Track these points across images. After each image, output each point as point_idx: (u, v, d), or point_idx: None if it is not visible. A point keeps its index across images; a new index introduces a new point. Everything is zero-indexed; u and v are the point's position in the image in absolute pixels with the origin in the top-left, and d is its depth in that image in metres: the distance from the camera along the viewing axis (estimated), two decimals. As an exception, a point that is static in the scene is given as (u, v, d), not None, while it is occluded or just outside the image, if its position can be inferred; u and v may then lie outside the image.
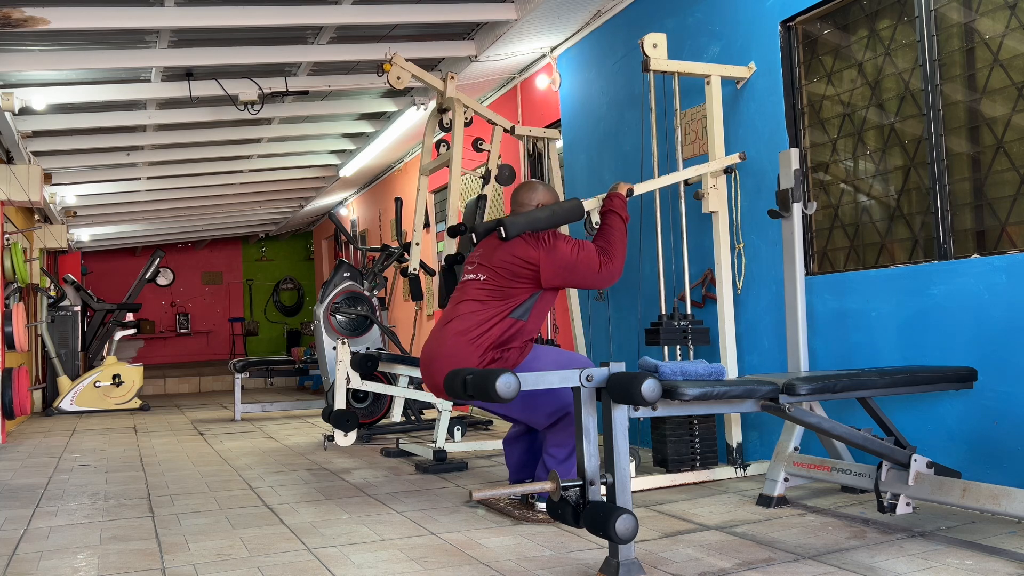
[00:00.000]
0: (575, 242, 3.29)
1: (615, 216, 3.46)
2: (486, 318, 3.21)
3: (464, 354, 3.17)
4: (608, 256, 3.32)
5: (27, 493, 4.24)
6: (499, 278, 3.27)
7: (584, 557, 2.70)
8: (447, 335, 3.25)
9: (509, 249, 3.28)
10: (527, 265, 3.24)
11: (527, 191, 3.52)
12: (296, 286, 16.04)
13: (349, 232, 9.32)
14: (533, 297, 3.27)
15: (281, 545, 2.97)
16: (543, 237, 3.29)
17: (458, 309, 3.30)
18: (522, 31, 5.70)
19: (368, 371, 5.24)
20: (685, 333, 3.96)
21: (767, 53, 4.15)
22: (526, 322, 3.26)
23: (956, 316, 3.27)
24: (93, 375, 9.45)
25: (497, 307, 3.23)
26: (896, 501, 2.85)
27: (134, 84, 6.32)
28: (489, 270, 3.31)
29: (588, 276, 3.29)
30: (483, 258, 3.37)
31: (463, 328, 3.22)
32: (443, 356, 3.22)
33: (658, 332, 3.91)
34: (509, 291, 3.25)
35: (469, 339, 3.18)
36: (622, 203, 3.51)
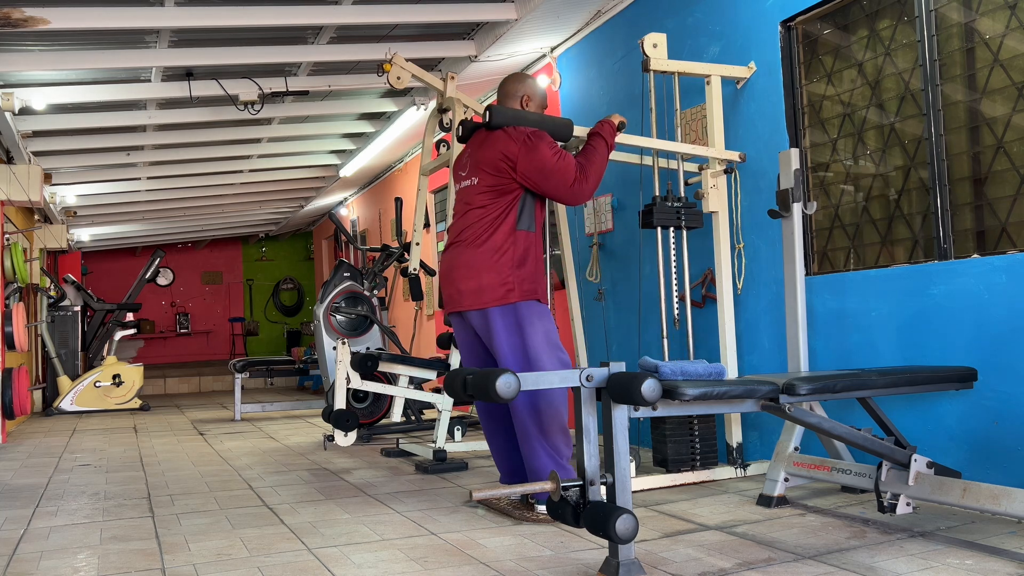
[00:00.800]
0: (557, 148, 3.27)
1: (600, 139, 3.44)
2: (495, 226, 3.25)
3: (483, 264, 3.24)
4: (584, 173, 3.29)
5: (27, 493, 4.24)
6: (488, 177, 3.28)
7: (584, 557, 2.70)
8: (462, 244, 3.31)
9: (492, 143, 3.29)
10: (507, 160, 3.24)
11: (514, 80, 3.52)
12: (296, 286, 16.04)
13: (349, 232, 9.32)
14: (526, 201, 3.29)
15: (281, 545, 2.97)
16: (527, 133, 3.27)
17: (466, 219, 3.34)
18: (522, 31, 5.70)
19: (368, 371, 5.24)
20: (679, 214, 3.93)
21: (767, 53, 4.15)
22: (536, 234, 3.32)
23: (956, 316, 3.27)
24: (93, 375, 9.45)
25: (500, 210, 3.26)
26: (896, 501, 2.85)
27: (134, 84, 6.32)
28: (479, 171, 3.32)
29: (560, 187, 3.25)
30: (471, 158, 3.39)
31: (475, 235, 3.28)
32: (461, 265, 3.29)
33: (652, 213, 3.89)
34: (502, 189, 3.27)
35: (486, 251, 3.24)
36: (611, 130, 3.49)
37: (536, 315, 3.29)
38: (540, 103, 3.55)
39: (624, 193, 5.39)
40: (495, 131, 3.33)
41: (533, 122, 3.33)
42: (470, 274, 3.28)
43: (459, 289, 3.33)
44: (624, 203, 5.40)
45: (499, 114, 3.28)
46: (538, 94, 3.55)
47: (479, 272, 3.26)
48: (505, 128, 3.31)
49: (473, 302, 3.30)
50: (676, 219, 3.94)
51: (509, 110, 3.33)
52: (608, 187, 5.51)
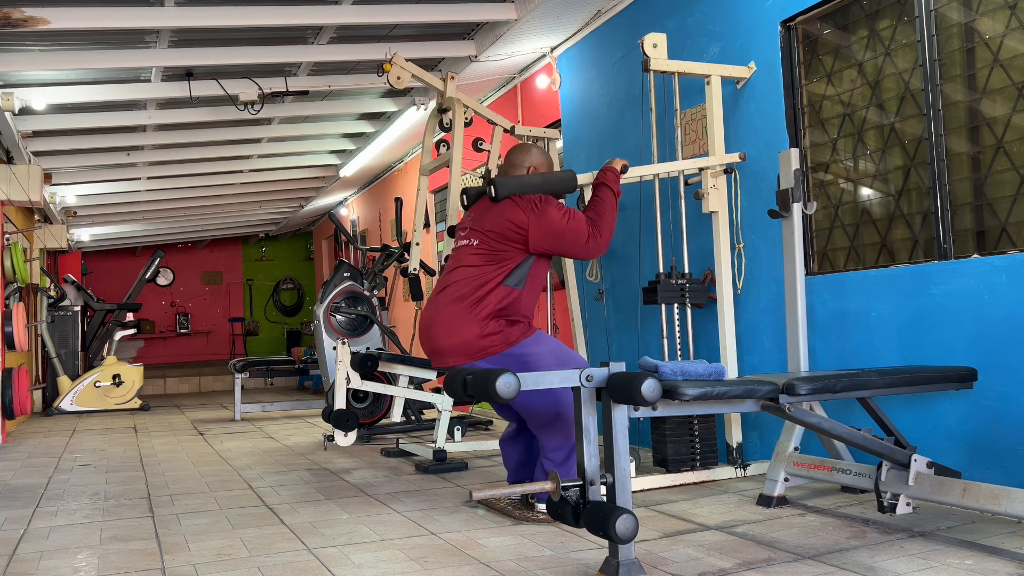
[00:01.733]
0: (566, 209, 3.26)
1: (607, 189, 3.44)
2: (480, 283, 3.20)
3: (462, 320, 3.17)
4: (597, 228, 3.29)
5: (27, 493, 4.24)
6: (490, 242, 3.25)
7: (584, 557, 2.70)
8: (443, 301, 3.25)
9: (499, 211, 3.27)
10: (516, 228, 3.22)
11: (520, 151, 3.50)
12: (296, 286, 16.04)
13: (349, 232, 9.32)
14: (526, 263, 3.26)
15: (281, 545, 2.97)
16: (534, 200, 3.26)
17: (453, 276, 3.29)
18: (522, 31, 5.70)
19: (368, 371, 5.24)
20: (683, 291, 3.93)
21: (767, 53, 4.15)
22: (521, 291, 3.25)
23: (956, 316, 3.27)
24: (93, 375, 9.45)
25: (491, 272, 3.22)
26: (896, 501, 2.85)
27: (134, 84, 6.32)
28: (480, 234, 3.30)
29: (575, 246, 3.26)
30: (474, 222, 3.36)
31: (459, 294, 3.21)
32: (440, 322, 3.22)
33: (655, 291, 3.89)
34: (501, 255, 3.23)
35: (466, 306, 3.17)
36: (615, 177, 3.48)
37: (533, 345, 3.24)
38: (547, 167, 3.53)
39: (624, 193, 5.38)
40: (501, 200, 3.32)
41: (536, 185, 3.32)
42: (449, 331, 3.20)
43: (440, 347, 3.26)
44: (624, 203, 5.39)
45: (503, 187, 3.27)
46: (544, 162, 3.52)
47: (457, 327, 3.19)
48: (511, 197, 3.30)
49: (457, 359, 3.23)
50: (680, 296, 3.94)
51: (512, 180, 3.30)
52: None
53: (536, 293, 3.35)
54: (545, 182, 3.35)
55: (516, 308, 3.24)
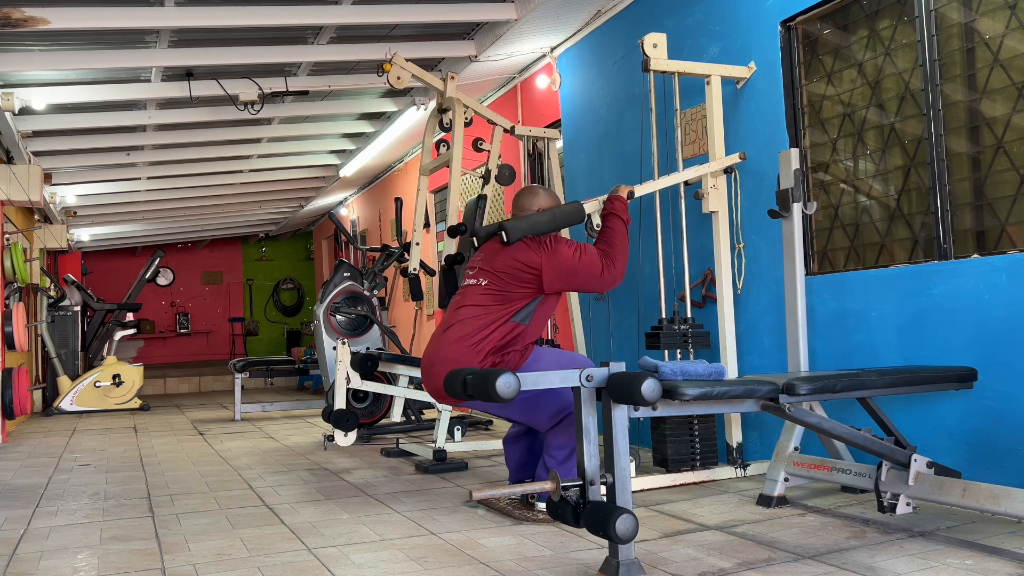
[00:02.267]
0: (577, 246, 3.29)
1: (616, 219, 3.46)
2: (487, 323, 3.20)
3: (464, 359, 3.16)
4: (610, 259, 3.31)
5: (27, 493, 4.24)
6: (501, 282, 3.26)
7: (584, 557, 2.70)
8: (447, 340, 3.24)
9: (511, 253, 3.28)
10: (529, 270, 3.23)
11: (528, 196, 3.51)
12: (296, 286, 16.04)
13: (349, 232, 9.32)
14: (534, 302, 3.27)
15: (281, 545, 2.97)
16: (544, 241, 3.28)
17: (459, 314, 3.28)
18: (522, 31, 5.70)
19: (368, 371, 5.24)
20: (685, 337, 3.95)
21: (767, 53, 4.15)
22: (527, 326, 3.26)
23: (956, 316, 3.27)
24: (93, 375, 9.45)
25: (498, 312, 3.22)
26: (896, 501, 2.85)
27: (134, 84, 6.32)
28: (491, 275, 3.30)
29: (590, 280, 3.29)
30: (484, 263, 3.36)
31: (464, 333, 3.21)
32: (443, 361, 3.21)
33: (658, 336, 3.91)
34: (510, 295, 3.24)
35: (470, 344, 3.17)
36: (623, 206, 3.50)
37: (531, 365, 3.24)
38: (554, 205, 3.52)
39: (624, 193, 5.38)
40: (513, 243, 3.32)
41: (546, 224, 3.33)
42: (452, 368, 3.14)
43: (440, 386, 3.25)
44: (624, 203, 5.39)
45: (514, 230, 3.27)
46: (551, 204, 3.51)
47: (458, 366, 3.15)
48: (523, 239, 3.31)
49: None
50: (683, 343, 3.94)
51: (522, 222, 3.30)
52: (608, 187, 5.50)
53: (543, 325, 3.36)
54: (554, 219, 3.36)
55: (519, 341, 3.25)
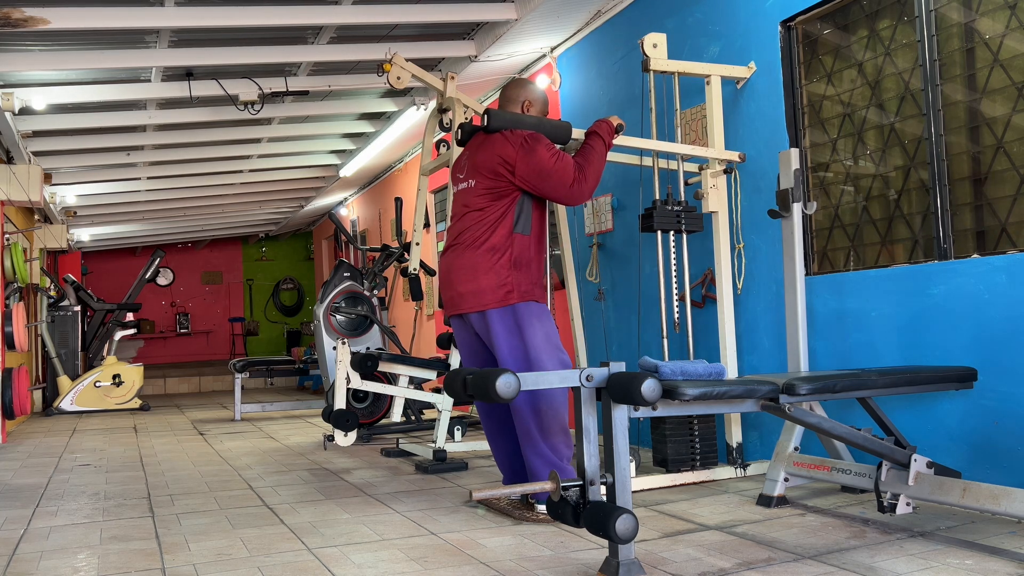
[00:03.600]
0: (555, 150, 3.27)
1: (598, 138, 3.44)
2: (490, 225, 3.26)
3: (482, 267, 3.24)
4: (583, 173, 3.29)
5: (27, 493, 4.24)
6: (486, 180, 3.30)
7: (584, 557, 2.70)
8: (461, 247, 3.32)
9: (490, 147, 3.30)
10: (505, 163, 3.25)
11: (516, 85, 3.54)
12: (296, 286, 16.04)
13: (349, 232, 9.32)
14: (526, 206, 3.31)
15: (281, 545, 2.97)
16: (524, 136, 3.28)
17: (464, 221, 3.35)
18: (522, 31, 5.70)
19: (368, 371, 5.24)
20: (679, 218, 3.93)
21: (767, 53, 4.15)
22: (530, 237, 3.32)
23: (956, 316, 3.27)
24: (93, 375, 9.45)
25: (496, 212, 3.28)
26: (896, 501, 2.85)
27: (134, 84, 6.32)
28: (477, 173, 3.34)
29: (559, 188, 3.26)
30: (469, 160, 3.40)
31: (474, 238, 3.29)
32: (460, 268, 3.30)
33: (651, 217, 3.90)
34: (499, 192, 3.28)
35: (483, 252, 3.25)
36: (609, 129, 3.49)
37: (535, 316, 3.30)
38: (541, 109, 3.56)
39: (624, 193, 5.39)
40: (493, 134, 3.33)
41: (531, 125, 3.34)
42: (468, 276, 3.29)
43: (459, 291, 3.34)
44: (624, 203, 5.40)
45: (497, 117, 3.30)
46: (539, 99, 3.55)
47: (477, 274, 3.27)
48: (503, 131, 3.31)
49: (472, 304, 3.31)
50: (676, 223, 3.94)
51: (507, 113, 3.34)
52: (608, 187, 5.51)
53: (543, 235, 3.41)
54: (539, 124, 3.36)
55: (528, 255, 3.32)
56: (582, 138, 3.52)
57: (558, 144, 3.43)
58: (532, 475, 3.30)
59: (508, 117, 3.32)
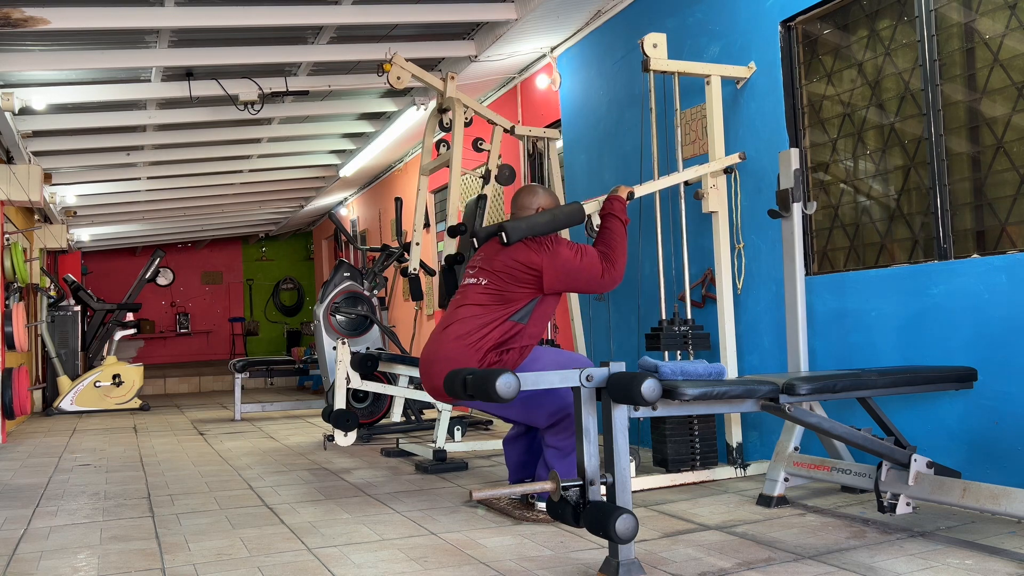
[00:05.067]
0: (577, 247, 3.29)
1: (615, 220, 3.46)
2: (486, 322, 3.20)
3: (463, 358, 3.16)
4: (610, 261, 3.31)
5: (27, 493, 4.24)
6: (500, 282, 3.26)
7: (584, 557, 2.70)
8: (446, 339, 3.25)
9: (511, 254, 3.28)
10: (529, 270, 3.23)
11: (528, 195, 3.51)
12: (296, 286, 16.04)
13: (349, 232, 9.32)
14: (533, 302, 3.27)
15: (281, 545, 2.97)
16: (545, 242, 3.28)
17: (458, 313, 3.29)
18: (522, 31, 5.70)
19: (368, 371, 5.24)
20: (685, 338, 3.95)
21: (767, 53, 4.15)
22: (526, 325, 3.26)
23: (956, 316, 3.27)
24: (93, 375, 9.45)
25: (498, 311, 3.22)
26: (896, 501, 2.85)
27: (134, 84, 6.32)
28: (490, 274, 3.30)
29: (591, 281, 3.29)
30: (484, 262, 3.36)
31: (463, 332, 3.21)
32: (442, 360, 3.21)
33: (659, 338, 3.91)
34: (510, 295, 3.24)
35: (469, 343, 3.17)
36: (622, 206, 3.50)
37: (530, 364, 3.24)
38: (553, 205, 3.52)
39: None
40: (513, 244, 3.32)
41: (546, 224, 3.32)
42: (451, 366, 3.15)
43: (438, 385, 3.25)
44: (624, 203, 5.39)
45: (514, 231, 3.26)
46: (551, 203, 3.51)
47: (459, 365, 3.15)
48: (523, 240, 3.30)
49: None
50: (683, 344, 3.94)
51: (522, 223, 3.28)
52: (608, 187, 5.51)
53: (543, 326, 3.36)
54: (554, 219, 3.35)
55: (518, 340, 3.25)
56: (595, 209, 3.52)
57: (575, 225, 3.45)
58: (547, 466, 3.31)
59: (524, 226, 3.28)
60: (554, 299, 3.36)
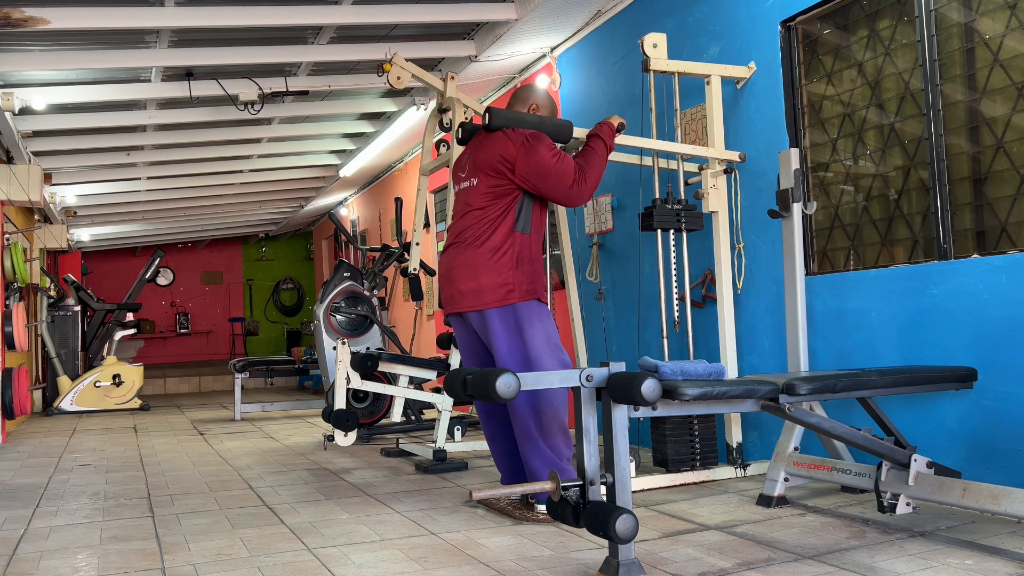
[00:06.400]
0: (556, 150, 3.28)
1: (599, 140, 3.44)
2: (491, 224, 3.26)
3: (482, 265, 3.24)
4: (583, 175, 3.29)
5: (27, 493, 4.24)
6: (487, 178, 3.30)
7: (584, 557, 2.70)
8: (462, 245, 3.32)
9: (491, 145, 3.30)
10: (505, 162, 3.25)
11: (526, 89, 3.55)
12: (296, 286, 16.04)
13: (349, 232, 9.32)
14: (527, 204, 3.31)
15: (281, 545, 2.97)
16: (525, 135, 3.28)
17: (465, 220, 3.35)
18: (522, 31, 5.70)
19: (368, 371, 5.24)
20: (678, 216, 3.93)
21: (767, 53, 4.15)
22: (530, 235, 3.32)
23: (956, 316, 3.27)
24: (93, 375, 9.45)
25: (497, 210, 3.28)
26: (896, 501, 2.85)
27: (134, 84, 6.32)
28: (478, 171, 3.34)
29: (559, 188, 3.26)
30: (470, 159, 3.41)
31: (475, 236, 3.28)
32: (460, 266, 3.30)
33: (651, 215, 3.90)
34: (500, 191, 3.28)
35: (485, 251, 3.25)
36: (610, 131, 3.49)
37: (536, 316, 3.30)
38: (549, 112, 3.56)
39: (624, 193, 5.39)
40: (494, 133, 3.34)
41: (532, 124, 3.33)
42: (469, 274, 3.29)
43: (459, 289, 3.33)
44: (624, 203, 5.40)
45: (498, 116, 3.29)
46: (547, 103, 3.56)
47: (478, 272, 3.27)
48: (504, 130, 3.31)
49: (473, 303, 3.31)
50: (676, 221, 3.94)
51: (508, 111, 3.33)
52: (608, 187, 5.51)
53: (540, 233, 3.40)
54: (540, 123, 3.35)
55: (529, 254, 3.32)
56: (583, 137, 3.52)
57: (559, 143, 3.42)
58: (532, 475, 3.30)
59: (509, 115, 3.32)
60: (540, 207, 3.37)
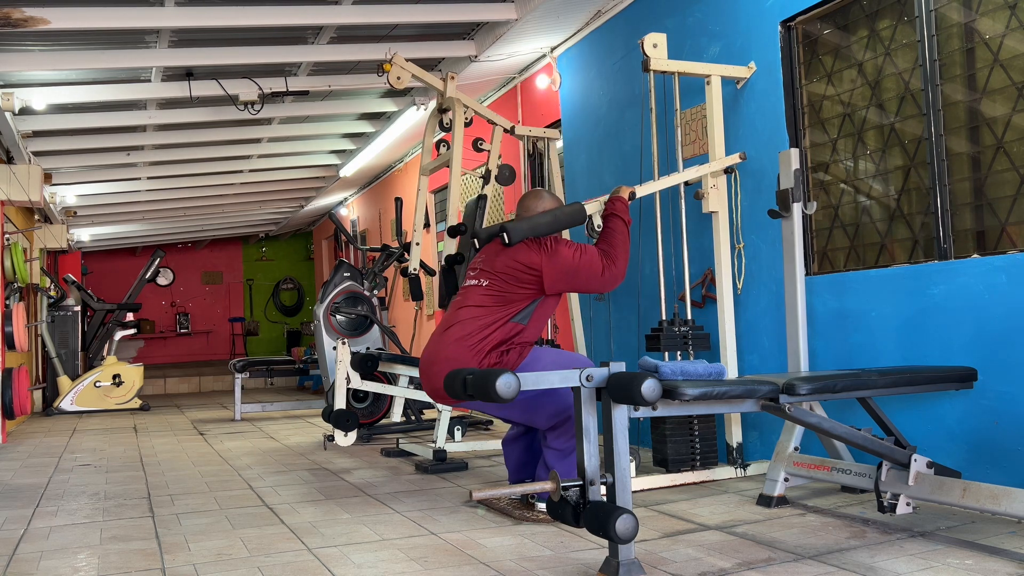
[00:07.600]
0: (577, 246, 3.29)
1: (617, 219, 3.47)
2: (487, 323, 3.20)
3: (464, 359, 3.16)
4: (611, 259, 3.31)
5: (27, 493, 4.24)
6: (502, 284, 3.26)
7: (584, 557, 2.70)
8: (447, 340, 3.24)
9: (511, 255, 3.28)
10: (529, 271, 3.23)
11: (533, 198, 3.52)
12: (296, 286, 16.04)
13: (349, 232, 9.32)
14: (535, 303, 3.27)
15: (281, 545, 2.97)
16: (545, 242, 3.28)
17: (459, 315, 3.28)
18: (522, 31, 5.70)
19: (368, 371, 5.24)
20: (686, 339, 3.95)
21: (767, 53, 4.15)
22: (526, 326, 3.26)
23: (956, 316, 3.27)
24: (93, 375, 9.45)
25: (499, 312, 3.22)
26: (896, 501, 2.85)
27: (134, 84, 6.32)
28: (491, 275, 3.30)
29: (591, 280, 3.29)
30: (485, 264, 3.36)
31: (464, 334, 3.20)
32: (442, 361, 3.21)
33: (659, 338, 3.91)
34: (511, 296, 3.24)
35: (469, 345, 3.17)
36: (624, 206, 3.51)
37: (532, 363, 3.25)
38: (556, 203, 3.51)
39: (624, 193, 5.38)
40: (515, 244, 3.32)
41: (546, 223, 3.31)
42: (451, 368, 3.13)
43: (439, 387, 3.24)
44: (624, 203, 5.39)
45: (516, 232, 3.25)
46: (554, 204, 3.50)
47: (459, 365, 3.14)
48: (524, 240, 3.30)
49: None
50: (683, 344, 3.94)
51: (523, 224, 3.28)
52: (608, 187, 5.51)
53: (542, 325, 3.36)
54: (555, 220, 3.34)
55: (518, 341, 3.25)
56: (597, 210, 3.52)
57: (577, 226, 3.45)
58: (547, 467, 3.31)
59: (525, 227, 3.28)
60: (554, 300, 3.36)
